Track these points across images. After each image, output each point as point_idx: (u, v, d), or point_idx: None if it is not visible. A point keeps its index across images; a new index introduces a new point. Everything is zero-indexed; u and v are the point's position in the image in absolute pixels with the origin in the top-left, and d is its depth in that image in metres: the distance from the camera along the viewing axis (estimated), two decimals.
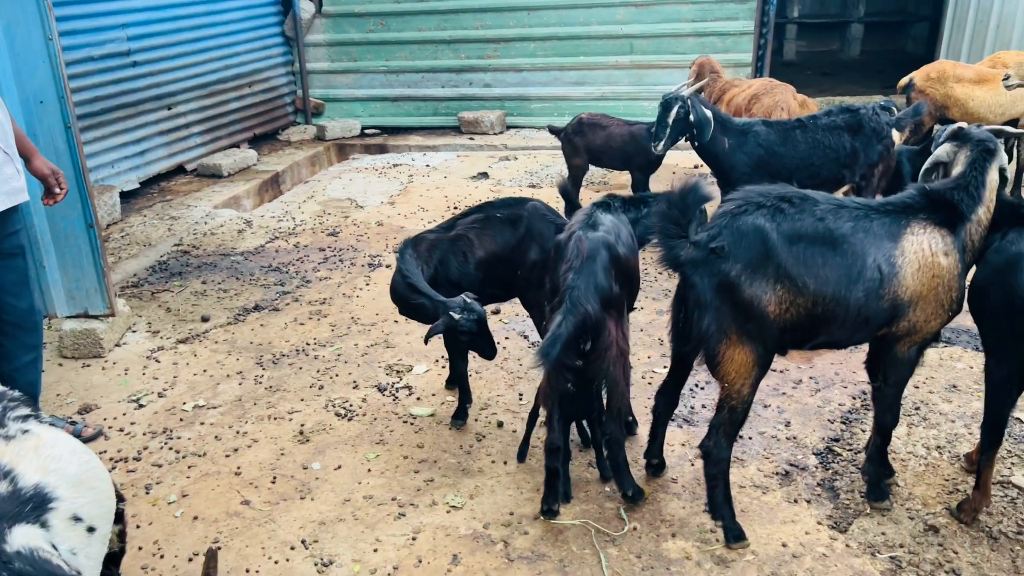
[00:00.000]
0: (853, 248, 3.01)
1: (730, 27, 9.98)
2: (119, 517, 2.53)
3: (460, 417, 4.26)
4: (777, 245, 2.96)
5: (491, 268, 4.13)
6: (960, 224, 3.12)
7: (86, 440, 4.17)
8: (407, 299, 3.96)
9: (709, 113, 5.20)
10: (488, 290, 4.21)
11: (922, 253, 3.05)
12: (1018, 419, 4.09)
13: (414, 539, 3.42)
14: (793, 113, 6.50)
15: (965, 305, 5.24)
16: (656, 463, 3.77)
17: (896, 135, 5.29)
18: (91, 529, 2.17)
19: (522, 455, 3.96)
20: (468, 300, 3.79)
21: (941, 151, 3.34)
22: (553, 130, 7.11)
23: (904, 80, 7.45)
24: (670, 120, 5.21)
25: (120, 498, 2.53)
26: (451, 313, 3.72)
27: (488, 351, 3.94)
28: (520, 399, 4.48)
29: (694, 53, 10.11)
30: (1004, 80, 5.83)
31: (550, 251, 3.84)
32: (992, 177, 3.18)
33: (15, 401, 2.36)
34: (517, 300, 4.42)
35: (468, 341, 3.90)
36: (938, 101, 7.11)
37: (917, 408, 4.22)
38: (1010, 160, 7.54)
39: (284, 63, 11.08)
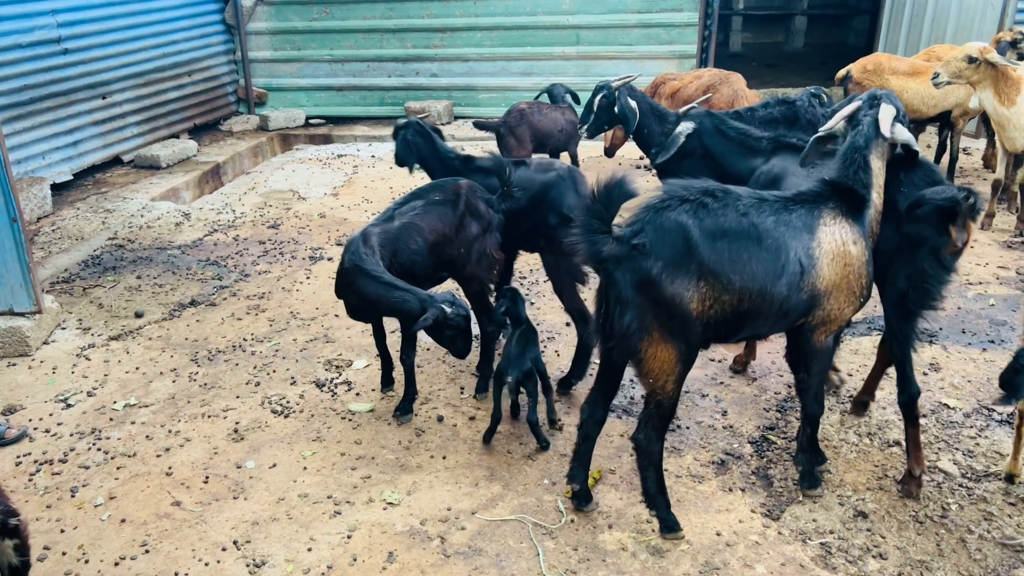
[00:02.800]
0: (777, 242, 3.02)
1: (675, 19, 10.04)
2: (14, 531, 2.43)
3: (404, 411, 4.22)
4: (700, 242, 2.94)
5: (441, 250, 4.14)
6: (863, 210, 3.17)
7: (9, 442, 4.03)
8: (384, 298, 3.82)
9: (634, 104, 5.18)
10: (438, 273, 4.25)
11: (835, 243, 3.09)
12: (945, 404, 4.20)
13: (349, 537, 3.38)
14: (750, 101, 6.57)
15: None
16: (579, 491, 3.48)
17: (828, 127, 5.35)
18: None
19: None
20: (455, 295, 3.78)
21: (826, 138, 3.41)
22: (482, 126, 7.03)
23: (842, 72, 7.58)
24: (595, 107, 5.29)
25: (12, 513, 2.43)
26: (443, 306, 3.70)
27: (464, 349, 3.94)
28: (461, 393, 4.45)
29: (640, 44, 10.19)
30: (933, 79, 5.97)
31: (486, 224, 4.16)
32: (875, 163, 3.22)
33: None
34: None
35: (451, 336, 3.85)
36: None
37: (851, 396, 4.30)
38: (944, 151, 7.74)
39: (225, 51, 10.83)
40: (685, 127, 4.87)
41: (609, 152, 7.68)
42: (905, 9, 9.81)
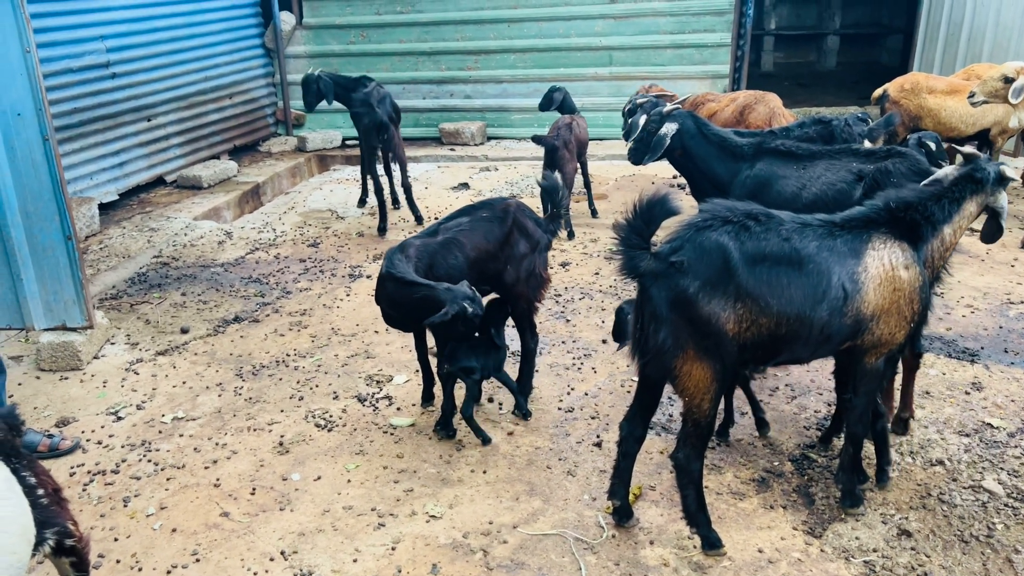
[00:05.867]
0: (818, 267, 3.03)
1: (708, 39, 10.10)
2: (71, 551, 2.54)
3: (445, 426, 4.27)
4: (739, 264, 2.95)
5: (483, 265, 4.20)
6: (923, 240, 3.19)
7: (63, 453, 4.15)
8: (408, 296, 3.87)
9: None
10: (479, 287, 4.28)
11: (883, 268, 3.09)
12: (988, 424, 4.16)
13: (393, 549, 3.43)
14: (787, 119, 6.61)
15: (940, 312, 5.34)
16: (620, 507, 3.50)
17: (868, 146, 5.37)
18: None
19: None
20: (472, 289, 3.80)
21: (941, 172, 3.42)
22: (539, 140, 7.13)
23: (878, 91, 7.57)
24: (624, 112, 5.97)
25: (69, 534, 2.51)
26: (464, 304, 3.71)
27: (462, 336, 3.98)
28: (500, 409, 4.51)
29: (672, 65, 10.26)
30: (969, 98, 5.95)
31: (534, 243, 4.23)
32: (969, 207, 3.26)
33: None
34: None
35: (463, 331, 3.87)
36: (911, 112, 7.24)
37: None
38: None
39: (264, 75, 11.08)
40: (669, 128, 5.07)
41: None
42: (940, 28, 9.77)
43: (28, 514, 2.27)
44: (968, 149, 3.46)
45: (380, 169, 7.73)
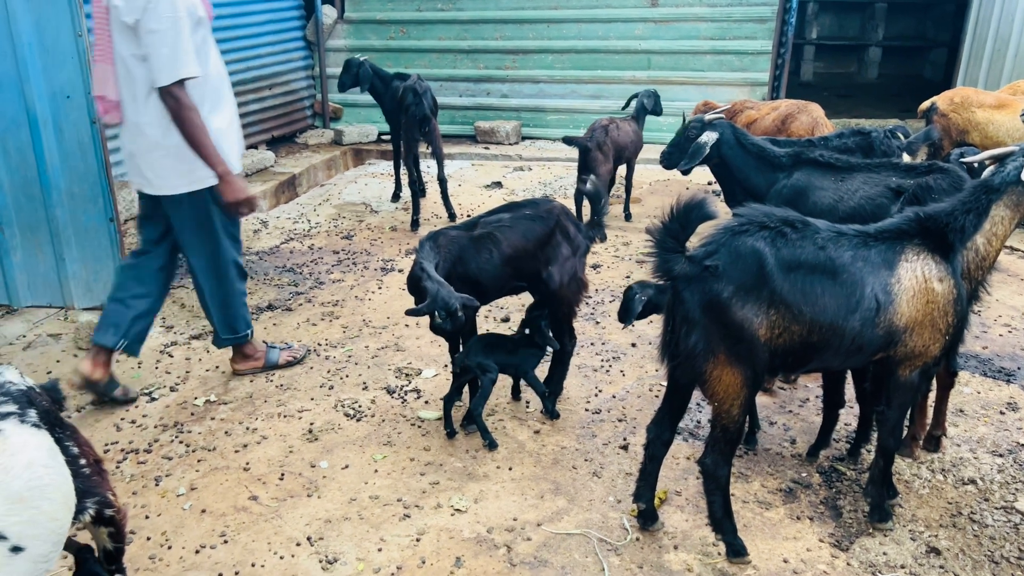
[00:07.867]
0: (852, 277, 3.01)
1: (748, 46, 10.04)
2: (110, 520, 2.59)
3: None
4: (774, 271, 2.94)
5: (520, 264, 4.17)
6: (954, 253, 3.14)
7: (131, 399, 4.53)
8: (418, 285, 3.89)
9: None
10: (511, 284, 4.29)
11: (916, 280, 3.06)
12: (1022, 445, 4.09)
13: (418, 540, 3.46)
14: (829, 130, 6.56)
15: (977, 330, 5.26)
16: (645, 510, 3.50)
17: (907, 159, 5.31)
18: (16, 549, 2.03)
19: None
20: (458, 304, 3.68)
21: (969, 183, 3.37)
22: (571, 141, 7.11)
23: (926, 104, 7.45)
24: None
25: (108, 504, 2.56)
26: (436, 311, 3.67)
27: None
28: (527, 407, 4.52)
29: (712, 71, 10.21)
30: (1022, 116, 5.86)
31: (575, 247, 4.23)
32: (998, 213, 3.19)
33: (5, 396, 2.23)
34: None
35: (435, 328, 3.98)
36: (960, 126, 7.12)
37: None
38: None
39: (304, 67, 11.19)
40: (710, 136, 5.13)
41: None
42: (987, 43, 9.61)
43: (70, 483, 2.31)
44: (1000, 150, 3.36)
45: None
